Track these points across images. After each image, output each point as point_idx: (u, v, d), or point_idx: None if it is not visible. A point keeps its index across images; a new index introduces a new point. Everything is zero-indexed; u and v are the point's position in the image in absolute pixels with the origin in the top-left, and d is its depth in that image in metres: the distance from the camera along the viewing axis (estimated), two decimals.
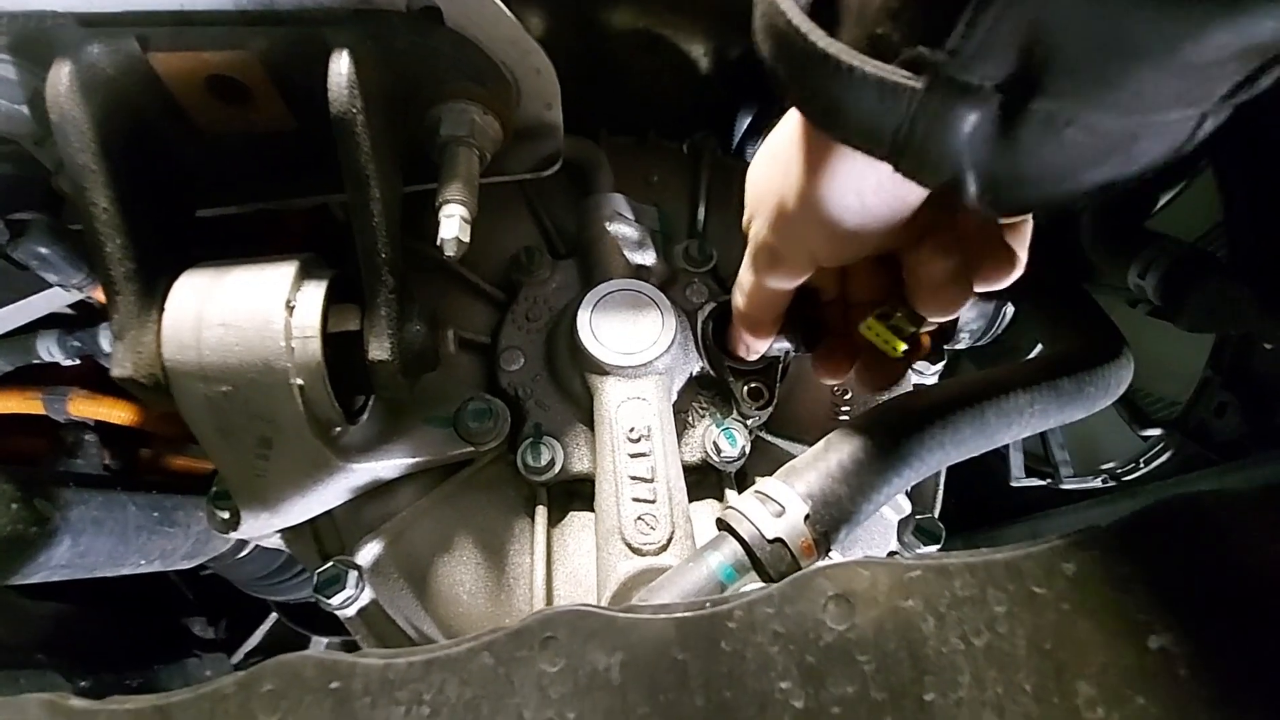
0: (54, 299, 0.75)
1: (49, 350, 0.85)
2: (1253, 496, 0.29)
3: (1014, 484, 1.18)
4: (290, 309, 0.47)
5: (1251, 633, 0.27)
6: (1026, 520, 1.18)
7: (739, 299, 0.49)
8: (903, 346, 0.44)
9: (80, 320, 0.87)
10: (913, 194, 0.35)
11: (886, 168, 0.31)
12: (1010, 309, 0.92)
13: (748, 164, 0.82)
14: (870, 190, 0.35)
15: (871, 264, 0.46)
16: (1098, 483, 1.06)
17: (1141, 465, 0.99)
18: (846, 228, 0.37)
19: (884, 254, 0.43)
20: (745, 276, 0.47)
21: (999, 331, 1.04)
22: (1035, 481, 1.16)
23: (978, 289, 0.40)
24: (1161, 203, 0.84)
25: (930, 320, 0.44)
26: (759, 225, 0.43)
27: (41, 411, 0.89)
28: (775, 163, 0.40)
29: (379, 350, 0.48)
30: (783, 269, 0.43)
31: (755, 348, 0.52)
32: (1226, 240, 0.75)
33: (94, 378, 0.90)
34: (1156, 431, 0.95)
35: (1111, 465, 1.04)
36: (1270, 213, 0.68)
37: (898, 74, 0.27)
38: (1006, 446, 1.15)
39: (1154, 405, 1.00)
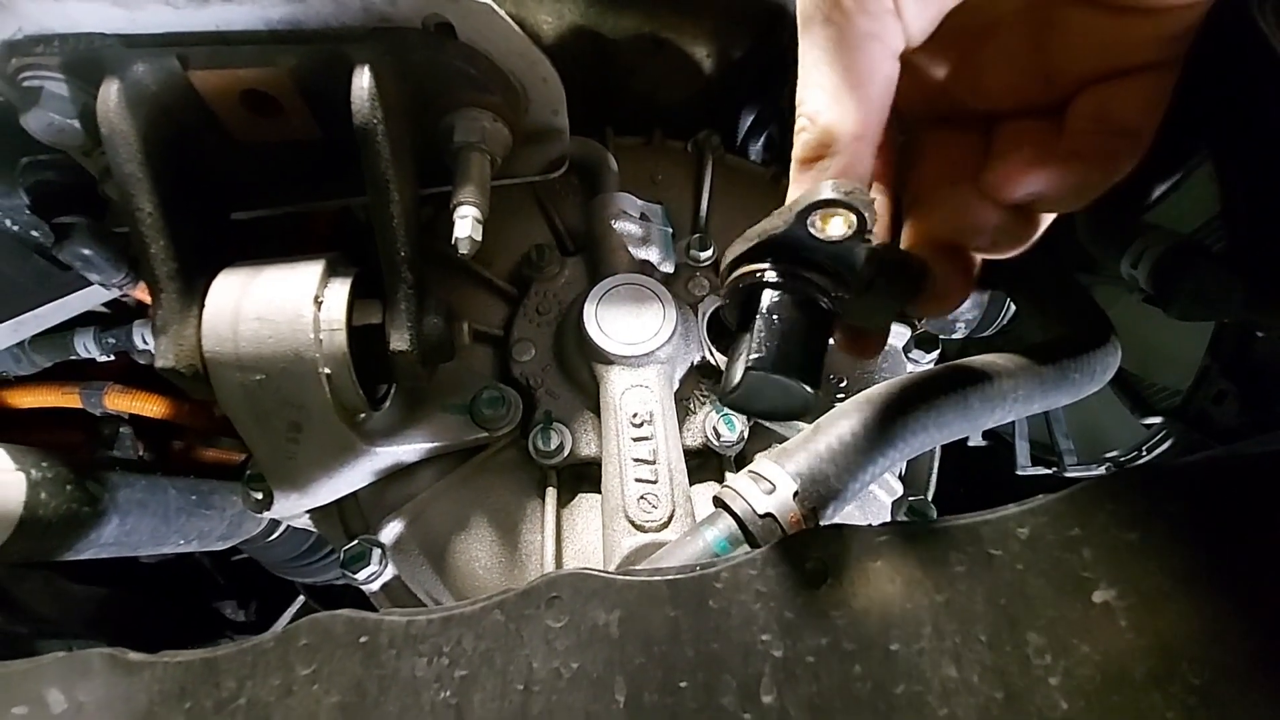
0: (90, 297, 0.79)
1: (85, 346, 0.89)
2: (1184, 470, 0.32)
3: (1020, 473, 1.19)
4: (318, 304, 0.51)
5: (1183, 588, 0.29)
6: None
7: (819, 103, 0.33)
8: None
9: (115, 318, 0.91)
10: None
11: None
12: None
13: (750, 161, 0.85)
14: None
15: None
16: (1102, 471, 1.07)
17: (1144, 453, 1.00)
18: None
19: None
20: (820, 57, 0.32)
21: (1004, 322, 1.06)
22: (1041, 470, 1.18)
23: None
24: (1158, 194, 0.85)
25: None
26: None
27: (79, 405, 0.93)
28: None
29: (399, 341, 0.52)
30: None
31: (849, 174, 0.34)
32: (1224, 230, 0.76)
33: (128, 373, 0.94)
34: (1158, 420, 0.96)
35: (1115, 453, 1.06)
36: (1265, 202, 0.69)
37: None
38: (1013, 436, 1.17)
39: (1156, 394, 1.01)
